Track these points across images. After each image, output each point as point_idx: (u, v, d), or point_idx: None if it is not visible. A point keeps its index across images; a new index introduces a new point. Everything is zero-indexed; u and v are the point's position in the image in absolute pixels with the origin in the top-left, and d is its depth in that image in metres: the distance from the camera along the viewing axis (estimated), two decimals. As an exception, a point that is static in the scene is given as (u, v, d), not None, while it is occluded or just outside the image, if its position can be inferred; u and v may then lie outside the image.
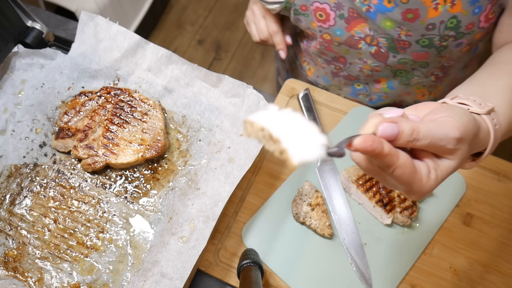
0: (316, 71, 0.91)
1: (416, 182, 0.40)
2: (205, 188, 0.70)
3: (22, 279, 0.67)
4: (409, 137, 0.39)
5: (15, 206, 0.72)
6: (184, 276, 0.64)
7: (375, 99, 0.90)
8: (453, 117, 0.41)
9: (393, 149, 0.38)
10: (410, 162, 0.39)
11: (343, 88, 0.90)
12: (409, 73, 0.80)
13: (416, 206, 0.75)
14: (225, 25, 2.16)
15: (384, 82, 0.84)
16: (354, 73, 0.83)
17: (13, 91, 0.77)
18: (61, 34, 0.93)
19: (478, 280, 0.73)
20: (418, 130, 0.39)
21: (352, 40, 0.75)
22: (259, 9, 0.85)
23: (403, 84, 0.83)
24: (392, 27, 0.69)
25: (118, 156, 0.73)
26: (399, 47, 0.72)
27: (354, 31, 0.73)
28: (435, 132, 0.40)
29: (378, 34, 0.72)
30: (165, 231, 0.69)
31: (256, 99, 0.73)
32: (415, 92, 0.88)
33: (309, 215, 0.75)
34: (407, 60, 0.75)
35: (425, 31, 0.68)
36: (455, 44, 0.70)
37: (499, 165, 0.81)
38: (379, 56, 0.76)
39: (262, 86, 2.03)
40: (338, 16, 0.72)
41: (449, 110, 0.42)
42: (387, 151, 0.38)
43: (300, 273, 0.73)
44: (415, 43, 0.70)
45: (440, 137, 0.40)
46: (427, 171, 0.41)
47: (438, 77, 0.83)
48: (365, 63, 0.79)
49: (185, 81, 0.78)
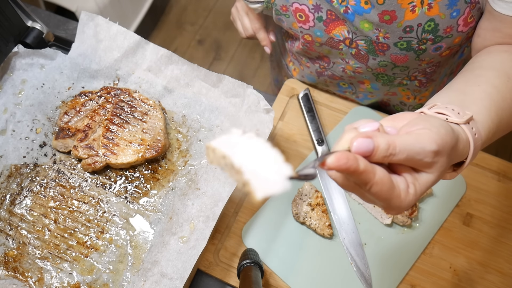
0: (300, 71, 0.91)
1: (394, 198, 0.39)
2: (205, 188, 0.70)
3: (22, 279, 0.67)
4: (385, 152, 0.38)
5: (15, 206, 0.72)
6: (184, 276, 0.64)
7: (361, 97, 0.90)
8: (430, 129, 0.39)
9: (369, 166, 0.37)
10: (387, 178, 0.38)
11: (330, 85, 0.90)
12: (390, 77, 0.80)
13: (416, 206, 0.75)
14: (225, 25, 2.16)
15: (367, 83, 0.84)
16: (338, 73, 0.83)
17: (13, 91, 0.77)
18: (61, 34, 0.93)
19: (478, 280, 0.73)
20: (394, 144, 0.38)
21: (333, 42, 0.74)
22: (242, 6, 0.85)
23: (386, 85, 0.83)
24: (370, 29, 0.68)
25: (118, 156, 0.73)
26: (378, 49, 0.71)
27: (333, 34, 0.72)
28: (412, 146, 0.38)
29: (356, 37, 0.71)
30: (165, 231, 0.69)
31: (256, 99, 0.73)
32: (400, 94, 0.87)
33: (309, 215, 0.75)
34: (387, 62, 0.74)
35: (402, 34, 0.67)
36: (434, 48, 0.69)
37: (499, 165, 0.81)
38: (359, 58, 0.76)
39: (262, 86, 2.03)
40: (317, 18, 0.71)
41: (426, 122, 0.40)
42: (363, 168, 0.36)
43: (300, 273, 0.73)
44: (393, 45, 0.69)
45: (417, 151, 0.38)
46: (405, 186, 0.40)
47: (421, 82, 0.82)
48: (347, 64, 0.79)
49: (185, 81, 0.78)
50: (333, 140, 0.83)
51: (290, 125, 0.85)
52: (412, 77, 0.80)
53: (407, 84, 0.83)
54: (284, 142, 0.83)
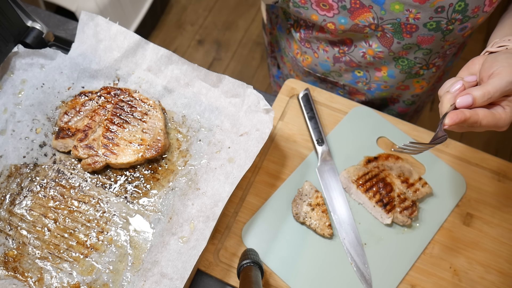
0: (314, 59, 0.90)
1: (498, 121, 0.54)
2: (205, 188, 0.70)
3: (22, 279, 0.67)
4: (484, 99, 0.53)
5: (15, 206, 0.72)
6: (184, 276, 0.64)
7: (374, 88, 0.90)
8: (504, 66, 0.53)
9: (473, 111, 0.53)
10: (488, 112, 0.53)
11: (343, 74, 0.90)
12: (410, 61, 0.81)
13: (416, 206, 0.75)
14: (225, 25, 2.16)
15: (385, 70, 0.84)
16: (356, 59, 0.83)
17: (13, 91, 0.77)
18: (61, 34, 0.93)
19: (478, 280, 0.73)
20: (487, 91, 0.53)
21: (357, 28, 0.75)
22: None
23: (403, 73, 0.84)
24: (401, 10, 0.69)
25: (118, 156, 0.73)
26: (405, 31, 0.73)
27: (358, 20, 0.74)
28: (500, 85, 0.52)
29: (383, 22, 0.72)
30: (165, 231, 0.69)
31: (256, 99, 0.73)
32: (414, 86, 0.89)
33: (309, 215, 0.75)
34: (412, 44, 0.76)
35: (434, 14, 0.69)
36: (460, 28, 0.72)
37: (499, 165, 0.81)
38: (384, 41, 0.77)
39: (262, 86, 2.03)
40: (341, 7, 0.72)
41: (497, 62, 0.54)
42: (469, 115, 0.52)
43: (300, 273, 0.73)
44: (423, 26, 0.71)
45: (505, 85, 0.52)
46: (502, 109, 0.54)
47: (438, 67, 0.85)
48: (369, 47, 0.79)
49: (185, 81, 0.78)
50: (333, 140, 0.83)
51: (290, 125, 0.85)
52: (431, 64, 0.82)
53: (423, 74, 0.84)
54: (284, 142, 0.83)
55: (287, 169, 0.81)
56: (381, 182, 0.76)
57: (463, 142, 1.13)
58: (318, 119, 0.83)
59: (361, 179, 0.76)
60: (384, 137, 0.83)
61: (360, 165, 0.79)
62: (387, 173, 0.77)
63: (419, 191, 0.76)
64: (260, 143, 0.70)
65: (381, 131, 0.83)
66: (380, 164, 0.78)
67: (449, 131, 0.92)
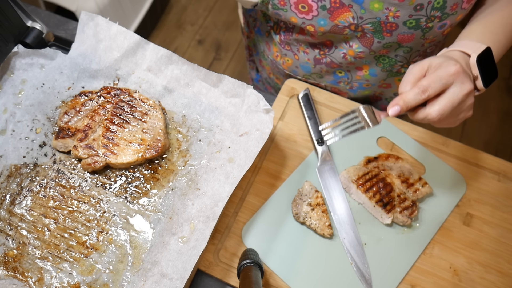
0: (294, 61, 0.90)
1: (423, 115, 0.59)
2: (205, 188, 0.70)
3: (22, 279, 0.67)
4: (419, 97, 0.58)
5: (15, 206, 0.72)
6: (185, 277, 0.64)
7: (356, 87, 0.90)
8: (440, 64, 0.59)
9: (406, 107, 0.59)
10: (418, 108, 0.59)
11: (325, 75, 0.90)
12: (391, 59, 0.81)
13: (416, 206, 0.75)
14: (225, 25, 2.16)
15: (366, 69, 0.85)
16: (337, 60, 0.84)
17: (13, 91, 0.77)
18: (61, 34, 0.93)
19: (478, 280, 0.73)
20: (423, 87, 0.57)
21: (337, 29, 0.75)
22: None
23: (385, 71, 0.84)
24: (380, 9, 0.70)
25: (118, 156, 0.73)
26: (385, 30, 0.73)
27: (337, 21, 0.74)
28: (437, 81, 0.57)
29: (362, 21, 0.73)
30: (165, 231, 0.69)
31: (256, 99, 0.73)
32: (395, 85, 0.89)
33: (309, 215, 0.75)
34: (392, 43, 0.76)
35: (413, 11, 0.69)
36: (439, 26, 0.72)
37: (499, 165, 0.81)
38: (364, 41, 0.77)
39: (262, 86, 2.03)
40: (321, 7, 0.72)
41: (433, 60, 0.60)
42: None
43: (300, 273, 0.73)
44: (402, 24, 0.72)
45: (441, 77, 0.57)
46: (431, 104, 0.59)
47: None
48: (350, 48, 0.80)
49: (185, 81, 0.78)
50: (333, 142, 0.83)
51: (290, 125, 0.85)
52: (412, 63, 0.82)
53: (404, 72, 0.84)
54: (284, 142, 0.83)
55: (287, 169, 0.81)
56: (381, 182, 0.76)
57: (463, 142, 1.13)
58: (318, 119, 0.83)
59: (361, 179, 0.76)
60: (384, 137, 0.83)
61: (360, 165, 0.79)
62: (387, 173, 0.77)
63: (419, 191, 0.76)
64: (260, 143, 0.70)
65: (381, 131, 0.83)
66: (380, 164, 0.78)
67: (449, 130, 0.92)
